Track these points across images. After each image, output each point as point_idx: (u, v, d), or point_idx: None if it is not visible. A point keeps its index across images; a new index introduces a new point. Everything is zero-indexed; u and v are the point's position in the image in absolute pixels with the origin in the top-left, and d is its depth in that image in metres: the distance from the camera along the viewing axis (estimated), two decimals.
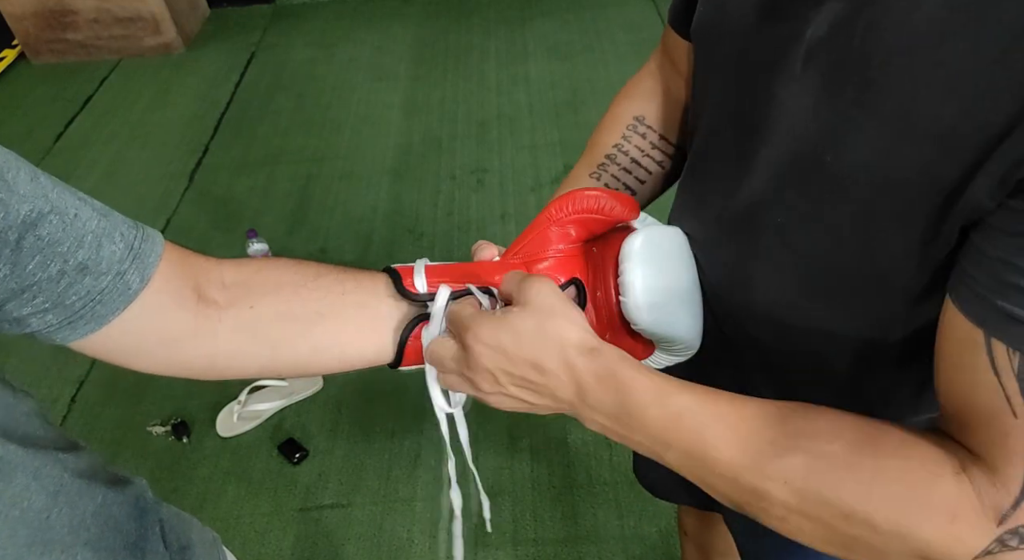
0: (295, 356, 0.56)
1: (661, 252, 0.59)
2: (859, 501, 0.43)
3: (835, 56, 0.46)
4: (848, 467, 0.44)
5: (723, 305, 0.63)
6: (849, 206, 0.48)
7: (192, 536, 0.64)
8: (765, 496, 0.46)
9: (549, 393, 0.51)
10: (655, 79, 0.74)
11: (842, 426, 0.46)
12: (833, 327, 0.56)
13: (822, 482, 0.44)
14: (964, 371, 0.43)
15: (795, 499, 0.45)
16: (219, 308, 0.53)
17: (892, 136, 0.43)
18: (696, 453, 0.48)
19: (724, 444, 0.47)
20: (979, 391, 0.42)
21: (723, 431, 0.47)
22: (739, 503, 0.48)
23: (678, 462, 0.49)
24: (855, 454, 0.44)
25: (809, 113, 0.48)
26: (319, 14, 3.66)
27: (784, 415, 0.47)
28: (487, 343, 0.50)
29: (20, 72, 3.42)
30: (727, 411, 0.48)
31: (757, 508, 0.47)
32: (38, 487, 0.47)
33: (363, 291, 0.57)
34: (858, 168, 0.46)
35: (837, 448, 0.45)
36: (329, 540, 1.59)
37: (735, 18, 0.53)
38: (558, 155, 2.59)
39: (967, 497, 0.41)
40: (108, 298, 0.47)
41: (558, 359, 0.49)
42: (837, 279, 0.53)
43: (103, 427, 1.86)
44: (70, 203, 0.45)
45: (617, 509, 1.59)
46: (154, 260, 0.49)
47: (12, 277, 0.42)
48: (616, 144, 0.73)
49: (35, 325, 0.46)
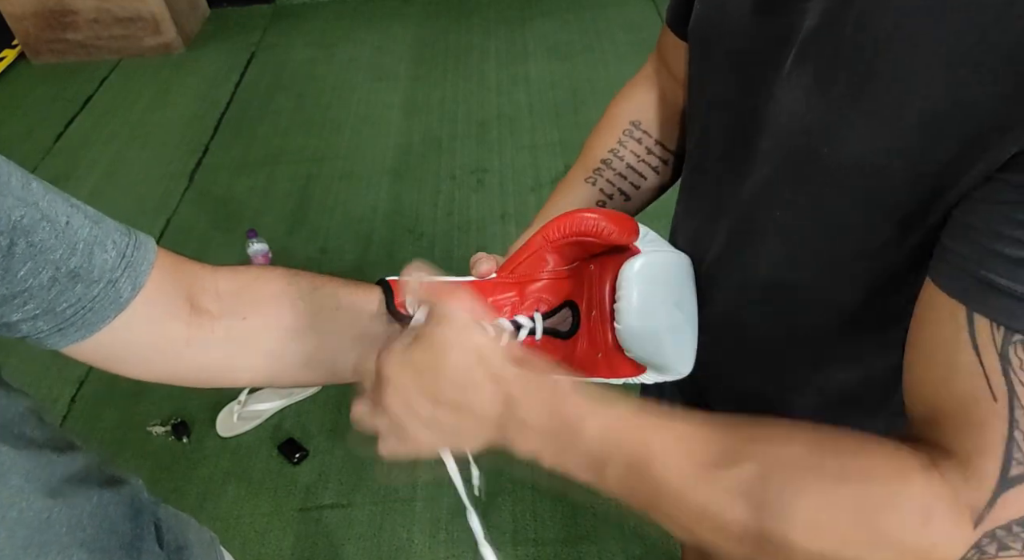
0: (287, 368, 0.56)
1: (659, 279, 0.58)
2: (824, 507, 0.40)
3: (827, 48, 0.46)
4: (808, 469, 0.41)
5: (718, 302, 0.63)
6: (847, 197, 0.48)
7: (189, 536, 0.64)
8: (718, 516, 0.42)
9: (470, 411, 0.45)
10: (651, 83, 0.74)
11: (796, 431, 0.43)
12: (828, 322, 0.56)
13: (781, 489, 0.40)
14: (941, 354, 0.41)
15: (753, 515, 0.40)
16: (212, 318, 0.53)
17: (884, 125, 0.43)
18: (639, 467, 0.43)
19: (670, 455, 0.43)
20: (956, 376, 0.39)
21: (669, 441, 0.43)
22: (689, 528, 0.44)
23: (618, 481, 0.44)
24: (814, 456, 0.41)
25: (803, 106, 0.48)
26: (319, 14, 3.66)
27: (735, 424, 0.44)
28: (397, 362, 0.46)
29: (20, 72, 3.42)
30: (672, 422, 0.45)
31: (710, 532, 0.43)
32: (32, 489, 0.47)
33: (357, 307, 0.57)
34: (853, 159, 0.46)
35: (794, 450, 0.42)
36: (329, 540, 1.59)
37: (733, 16, 0.53)
38: (558, 155, 2.59)
39: (939, 494, 0.38)
40: (99, 306, 0.47)
41: (482, 371, 0.45)
42: (835, 274, 0.53)
43: (103, 427, 1.85)
44: (62, 210, 0.45)
45: (617, 509, 1.58)
46: (146, 268, 0.49)
47: (3, 283, 0.42)
48: (612, 149, 0.73)
49: (25, 330, 0.45)
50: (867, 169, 0.45)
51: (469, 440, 0.48)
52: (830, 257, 0.52)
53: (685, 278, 0.62)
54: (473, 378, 0.45)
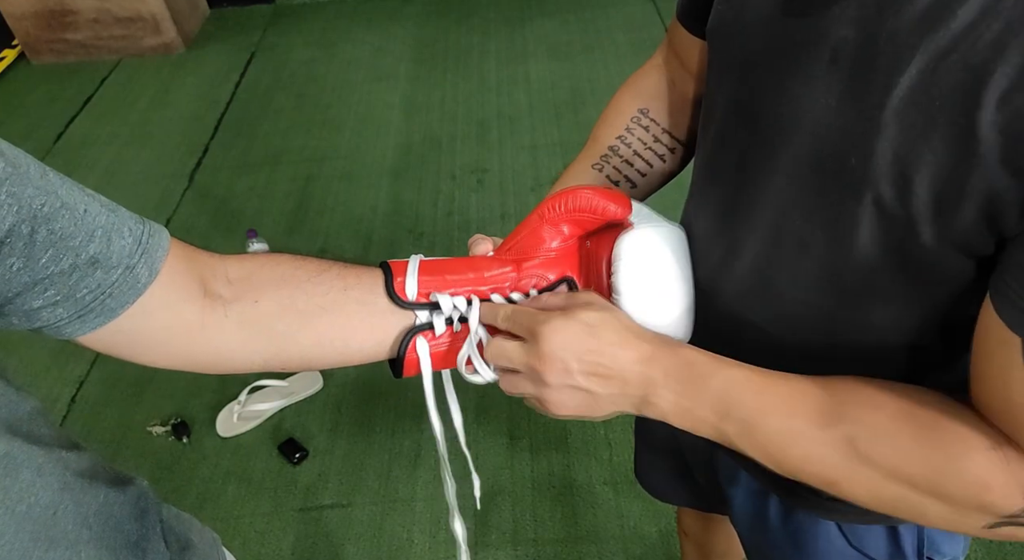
0: (298, 349, 0.57)
1: (654, 252, 0.59)
2: (900, 464, 0.47)
3: (861, 58, 0.45)
4: (890, 434, 0.48)
5: (733, 306, 0.62)
6: (872, 209, 0.47)
7: (192, 537, 0.64)
8: (818, 464, 0.50)
9: (621, 378, 0.53)
10: (661, 73, 0.74)
11: (884, 397, 0.50)
12: (850, 328, 0.56)
13: (868, 447, 0.48)
14: (998, 366, 0.45)
15: (844, 461, 0.49)
16: (225, 302, 0.54)
17: (917, 139, 0.43)
18: (753, 421, 0.51)
19: (780, 412, 0.51)
20: (1012, 386, 0.44)
21: (780, 398, 0.51)
22: (794, 473, 0.51)
23: (736, 432, 0.52)
24: (897, 422, 0.48)
25: (832, 113, 0.47)
26: (319, 14, 3.66)
27: (832, 387, 0.51)
28: (562, 332, 0.52)
29: (20, 72, 3.42)
30: (780, 381, 0.52)
31: (812, 478, 0.51)
32: (43, 484, 0.47)
33: (363, 287, 0.58)
34: (882, 171, 0.45)
35: (881, 417, 0.49)
36: (329, 540, 1.59)
37: (756, 16, 0.52)
38: (558, 155, 2.59)
39: (1000, 471, 0.45)
40: (118, 291, 0.47)
41: (630, 341, 0.53)
42: (858, 280, 0.52)
43: (103, 427, 1.85)
44: (79, 198, 0.46)
45: (617, 509, 1.59)
46: (161, 254, 0.50)
47: (25, 270, 0.43)
48: (619, 136, 0.73)
49: (45, 318, 0.46)
50: (892, 181, 0.45)
51: (600, 411, 0.55)
52: (849, 266, 0.52)
53: (679, 249, 0.62)
54: (622, 351, 0.53)
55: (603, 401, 0.54)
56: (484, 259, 0.60)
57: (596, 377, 0.53)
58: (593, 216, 0.59)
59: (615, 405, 0.55)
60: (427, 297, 0.58)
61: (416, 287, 0.58)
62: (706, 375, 0.52)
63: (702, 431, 0.53)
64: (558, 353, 0.52)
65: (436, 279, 0.58)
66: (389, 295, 0.58)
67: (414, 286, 0.58)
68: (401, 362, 0.58)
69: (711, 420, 0.52)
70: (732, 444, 0.52)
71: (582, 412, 0.55)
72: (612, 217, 0.59)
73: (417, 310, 0.58)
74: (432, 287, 0.58)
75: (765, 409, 0.51)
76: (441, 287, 0.58)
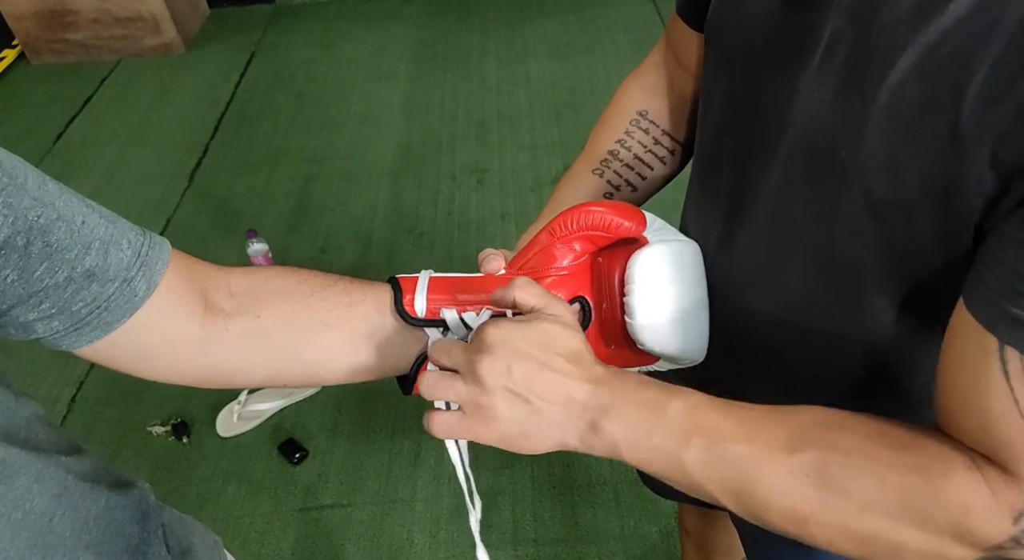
0: (300, 365, 0.56)
1: (667, 269, 0.58)
2: (875, 490, 0.43)
3: (854, 51, 0.46)
4: (862, 457, 0.44)
5: (732, 300, 0.63)
6: (862, 201, 0.48)
7: (194, 540, 0.64)
8: (784, 496, 0.45)
9: (566, 394, 0.47)
10: (658, 73, 0.73)
11: (853, 421, 0.47)
12: (848, 320, 0.56)
13: (840, 474, 0.44)
14: (973, 374, 0.42)
15: (815, 492, 0.44)
16: (226, 316, 0.53)
17: (905, 133, 0.43)
18: (718, 448, 0.46)
19: (743, 438, 0.46)
20: (989, 396, 0.41)
21: (744, 425, 0.47)
22: (761, 506, 0.47)
23: (697, 462, 0.46)
24: (869, 446, 0.45)
25: (825, 106, 0.48)
26: (319, 14, 3.66)
27: (794, 411, 0.48)
28: (509, 329, 0.48)
29: (20, 72, 3.42)
30: (741, 408, 0.48)
31: (776, 513, 0.46)
32: (40, 490, 0.47)
33: (368, 304, 0.57)
34: (872, 163, 0.46)
35: (851, 441, 0.45)
36: (329, 540, 1.59)
37: (755, 9, 0.52)
38: (558, 155, 2.59)
39: (981, 492, 0.41)
40: (114, 305, 0.47)
41: (581, 364, 0.48)
42: (853, 272, 0.53)
43: (103, 427, 1.86)
44: (77, 210, 0.45)
45: (617, 509, 1.59)
46: (161, 267, 0.49)
47: (20, 283, 0.42)
48: (619, 140, 0.72)
49: (41, 331, 0.45)
50: (882, 174, 0.45)
51: (549, 429, 0.48)
52: (844, 258, 0.52)
53: (694, 264, 0.61)
54: (573, 367, 0.48)
55: (544, 420, 0.47)
56: (495, 278, 0.59)
57: (540, 386, 0.47)
58: (606, 233, 0.58)
59: (557, 428, 0.48)
60: (437, 314, 0.56)
61: (425, 305, 0.56)
62: (664, 400, 0.47)
63: (656, 465, 0.47)
64: (499, 349, 0.47)
65: (446, 297, 0.57)
66: (398, 311, 0.56)
67: (423, 303, 0.56)
68: (412, 381, 0.57)
69: (669, 448, 0.46)
70: (690, 478, 0.47)
71: (516, 430, 0.48)
72: (625, 234, 0.58)
73: (426, 327, 0.57)
74: (442, 305, 0.57)
75: (729, 433, 0.46)
76: (451, 306, 0.57)
